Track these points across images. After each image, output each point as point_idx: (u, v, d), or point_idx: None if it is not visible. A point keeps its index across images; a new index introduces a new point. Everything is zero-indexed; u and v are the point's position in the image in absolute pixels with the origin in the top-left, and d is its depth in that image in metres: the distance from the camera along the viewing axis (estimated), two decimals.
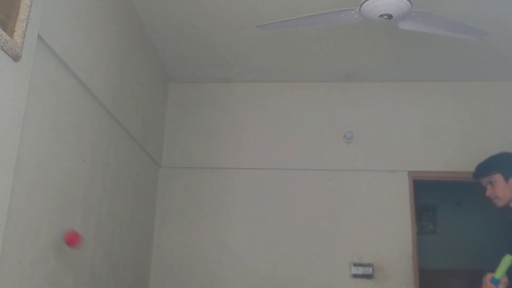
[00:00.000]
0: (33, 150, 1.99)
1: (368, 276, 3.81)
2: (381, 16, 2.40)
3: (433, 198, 6.32)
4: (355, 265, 3.84)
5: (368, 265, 3.83)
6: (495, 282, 2.16)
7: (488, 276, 2.18)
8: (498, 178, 2.45)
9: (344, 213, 3.98)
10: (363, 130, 4.15)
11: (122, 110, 3.08)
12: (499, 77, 4.12)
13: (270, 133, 4.23)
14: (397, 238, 3.89)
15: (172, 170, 4.21)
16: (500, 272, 2.17)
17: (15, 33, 1.70)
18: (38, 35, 1.91)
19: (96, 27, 2.62)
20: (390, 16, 2.41)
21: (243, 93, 4.37)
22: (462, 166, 3.98)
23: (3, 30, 1.62)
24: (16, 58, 1.71)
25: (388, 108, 4.22)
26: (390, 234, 3.90)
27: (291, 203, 4.03)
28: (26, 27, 1.75)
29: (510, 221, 2.49)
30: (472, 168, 3.96)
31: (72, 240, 2.33)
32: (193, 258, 3.97)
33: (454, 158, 4.03)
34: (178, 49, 3.85)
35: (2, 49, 1.63)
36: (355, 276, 3.82)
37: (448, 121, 4.14)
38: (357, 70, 4.13)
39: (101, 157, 2.77)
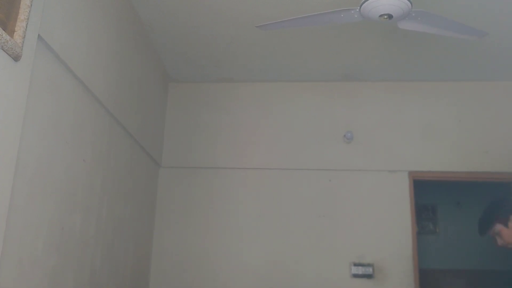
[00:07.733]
0: (33, 150, 1.99)
1: (368, 276, 3.81)
2: (381, 16, 2.40)
3: (433, 198, 6.32)
4: (355, 265, 3.84)
5: (368, 265, 3.83)
6: None
7: None
8: (499, 228, 2.47)
9: (344, 213, 3.99)
10: (363, 130, 4.15)
11: (122, 110, 3.08)
12: (499, 77, 4.12)
13: (270, 133, 4.23)
14: (397, 238, 3.89)
15: (172, 170, 4.21)
16: None
17: (15, 33, 1.70)
18: (38, 35, 1.91)
19: (96, 27, 2.62)
20: (390, 16, 2.41)
21: (243, 93, 4.37)
22: (462, 166, 4.00)
23: (3, 30, 1.62)
24: (16, 58, 1.71)
25: (388, 108, 4.22)
26: (390, 234, 3.90)
27: (291, 203, 4.03)
28: (26, 27, 1.75)
29: None
30: (472, 168, 4.00)
31: None
32: (193, 258, 3.97)
33: (454, 158, 4.03)
34: (178, 49, 3.85)
35: (2, 49, 1.63)
36: (355, 276, 3.82)
37: (448, 121, 4.14)
38: (357, 70, 4.13)
39: (101, 157, 2.77)
